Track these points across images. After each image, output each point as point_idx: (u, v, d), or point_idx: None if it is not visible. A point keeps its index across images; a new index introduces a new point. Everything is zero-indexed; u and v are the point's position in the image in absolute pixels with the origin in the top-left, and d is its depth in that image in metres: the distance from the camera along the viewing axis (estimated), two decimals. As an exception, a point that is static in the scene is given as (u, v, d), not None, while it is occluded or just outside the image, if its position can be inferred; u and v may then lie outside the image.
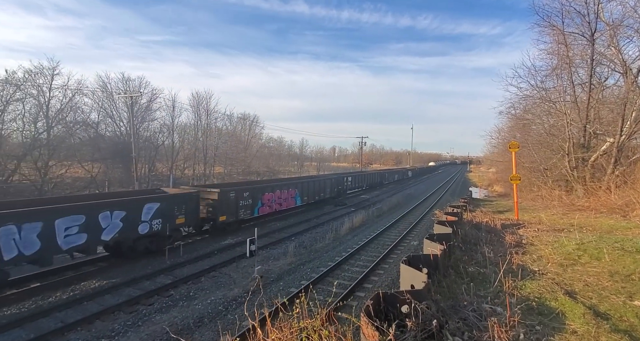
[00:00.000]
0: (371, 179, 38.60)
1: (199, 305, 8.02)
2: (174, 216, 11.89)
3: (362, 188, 35.53)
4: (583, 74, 19.34)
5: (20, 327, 6.95)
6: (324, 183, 24.13)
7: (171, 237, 11.97)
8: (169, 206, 11.69)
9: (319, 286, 9.02)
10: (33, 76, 26.27)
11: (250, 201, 15.78)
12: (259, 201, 16.44)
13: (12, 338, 6.57)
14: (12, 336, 6.65)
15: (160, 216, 11.33)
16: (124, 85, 34.45)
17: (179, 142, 39.66)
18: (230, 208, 14.47)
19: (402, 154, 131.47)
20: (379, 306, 3.20)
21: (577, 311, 4.23)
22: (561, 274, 5.74)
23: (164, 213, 11.45)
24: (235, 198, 14.75)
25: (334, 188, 25.56)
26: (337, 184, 26.31)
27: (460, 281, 5.06)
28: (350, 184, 30.86)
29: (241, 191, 15.36)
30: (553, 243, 7.78)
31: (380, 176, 43.37)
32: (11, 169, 24.15)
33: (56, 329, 6.82)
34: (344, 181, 28.46)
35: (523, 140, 23.14)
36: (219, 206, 13.82)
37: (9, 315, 7.46)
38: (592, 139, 18.68)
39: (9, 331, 6.79)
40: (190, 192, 13.04)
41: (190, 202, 12.69)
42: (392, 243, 13.37)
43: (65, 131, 28.40)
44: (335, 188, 25.66)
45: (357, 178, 33.60)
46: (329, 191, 24.43)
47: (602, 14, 17.26)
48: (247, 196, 15.57)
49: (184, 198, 12.48)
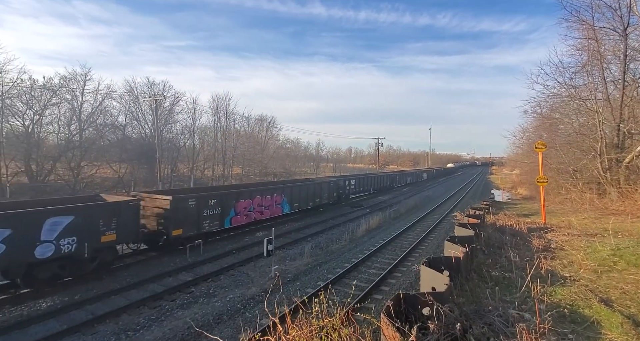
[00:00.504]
0: (379, 182, 34.37)
1: (218, 302, 8.20)
2: (98, 233, 9.23)
3: (368, 191, 31.96)
4: (615, 71, 18.22)
5: (54, 318, 7.39)
6: (320, 187, 21.14)
7: (96, 259, 9.40)
8: (89, 220, 9.01)
9: (336, 287, 8.97)
10: (67, 81, 28.06)
11: (219, 209, 13.23)
12: (231, 209, 13.95)
13: (48, 328, 7.00)
14: (47, 326, 7.08)
15: (74, 234, 8.69)
16: (149, 89, 36.06)
17: (199, 143, 40.91)
18: (189, 218, 11.95)
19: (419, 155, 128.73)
20: (399, 307, 3.14)
21: (615, 320, 3.95)
22: (595, 281, 5.39)
23: (80, 229, 8.81)
24: (197, 207, 12.30)
25: (333, 193, 22.88)
26: (336, 188, 23.64)
27: (484, 285, 4.86)
28: (354, 188, 27.74)
29: (205, 197, 12.81)
30: (585, 248, 7.33)
31: (391, 178, 38.95)
32: (47, 170, 25.83)
33: (87, 321, 7.19)
34: (345, 184, 25.79)
35: (550, 140, 22.04)
36: (172, 216, 11.30)
37: (45, 307, 7.94)
38: (626, 139, 17.50)
39: (44, 322, 7.24)
40: (124, 200, 10.21)
41: (126, 213, 9.90)
42: (410, 246, 13.10)
43: (95, 134, 30.08)
44: (334, 193, 23.04)
45: (362, 180, 30.07)
46: (326, 196, 21.74)
47: (635, 7, 16.20)
48: (214, 203, 13.04)
49: (114, 208, 9.68)
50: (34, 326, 7.07)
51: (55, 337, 6.62)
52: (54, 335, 6.64)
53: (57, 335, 6.68)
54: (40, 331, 6.85)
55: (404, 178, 45.44)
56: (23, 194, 22.97)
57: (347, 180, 26.60)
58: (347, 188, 26.15)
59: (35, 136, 25.82)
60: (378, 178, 34.25)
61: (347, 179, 26.76)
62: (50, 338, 6.57)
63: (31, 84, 25.46)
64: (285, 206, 17.60)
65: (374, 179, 33.00)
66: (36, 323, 7.16)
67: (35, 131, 26.05)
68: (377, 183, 33.48)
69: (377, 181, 33.78)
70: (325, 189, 21.76)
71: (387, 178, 37.06)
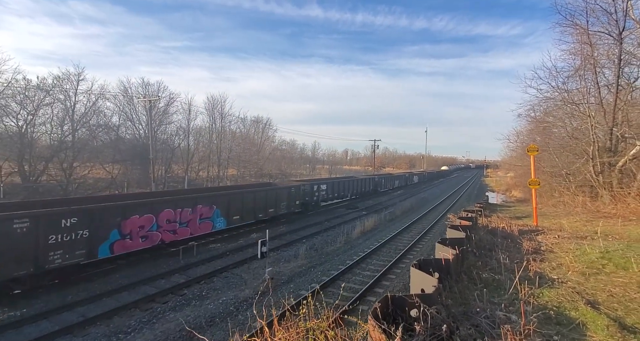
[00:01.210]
0: (360, 186, 29.93)
1: (211, 305, 8.17)
2: None
3: (345, 198, 27.80)
4: (609, 75, 18.50)
5: (46, 319, 7.35)
6: (276, 194, 17.50)
7: None
8: None
9: (330, 289, 8.99)
10: (61, 81, 27.82)
11: (86, 232, 9.19)
12: (112, 230, 9.97)
13: (40, 328, 6.97)
14: (40, 327, 7.06)
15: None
16: (144, 89, 35.86)
17: (194, 144, 40.75)
18: (17, 251, 7.84)
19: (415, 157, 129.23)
20: (387, 309, 3.17)
21: (600, 323, 4.01)
22: (583, 283, 5.46)
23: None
24: (34, 231, 8.08)
25: (296, 200, 19.10)
26: (301, 195, 19.95)
27: (473, 287, 4.91)
28: (326, 194, 23.56)
29: (55, 216, 8.59)
30: (574, 250, 7.42)
31: (375, 182, 33.89)
32: (40, 170, 25.55)
33: (78, 322, 7.15)
34: (314, 190, 21.59)
35: (543, 144, 22.30)
36: None
37: (37, 307, 7.87)
38: (619, 143, 17.75)
39: (37, 323, 7.21)
40: None
41: None
42: (405, 247, 13.15)
43: (88, 134, 29.83)
44: (297, 200, 19.32)
45: (338, 185, 25.73)
46: (285, 204, 18.14)
47: (631, 11, 16.46)
48: (76, 224, 8.93)
49: None
50: (27, 326, 7.04)
51: (48, 338, 6.61)
52: (47, 336, 6.62)
53: (50, 335, 6.66)
54: (33, 332, 6.83)
55: (391, 181, 40.05)
56: (16, 195, 22.69)
57: (316, 185, 22.16)
58: (317, 194, 22.02)
59: (28, 136, 25.55)
60: (358, 182, 29.82)
61: (316, 184, 22.35)
62: (43, 338, 6.57)
63: (25, 84, 25.24)
64: (218, 221, 13.93)
65: (353, 184, 28.77)
66: (29, 324, 7.13)
67: (29, 131, 25.78)
68: (356, 188, 29.29)
69: (357, 186, 29.45)
70: (284, 196, 18.21)
71: (369, 182, 32.28)
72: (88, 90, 29.50)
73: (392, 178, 41.37)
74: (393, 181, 40.77)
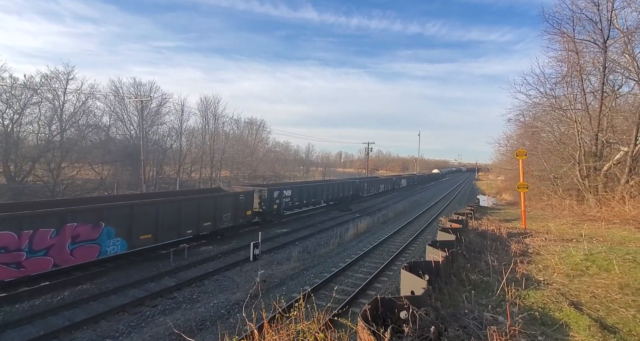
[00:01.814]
0: (336, 191, 25.32)
1: (201, 308, 8.09)
2: None
3: (318, 204, 23.68)
4: (595, 82, 19.05)
5: (30, 324, 7.16)
6: (215, 204, 13.76)
7: None
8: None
9: (322, 292, 8.99)
10: (49, 80, 27.26)
11: None
12: None
13: (24, 333, 6.78)
14: (23, 331, 6.87)
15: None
16: (135, 89, 35.42)
17: (186, 145, 40.34)
18: None
19: (409, 160, 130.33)
20: (377, 312, 3.21)
21: (583, 323, 4.12)
22: (567, 284, 5.60)
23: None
24: None
25: (245, 211, 15.54)
26: (258, 203, 16.84)
27: (462, 289, 4.99)
28: (290, 202, 19.44)
29: None
30: (560, 252, 7.61)
31: (355, 187, 29.39)
32: (26, 171, 24.92)
33: (64, 327, 6.99)
34: (273, 197, 17.70)
35: (532, 148, 22.80)
36: None
37: (21, 311, 7.68)
38: (604, 148, 18.27)
39: (21, 327, 7.02)
40: None
41: None
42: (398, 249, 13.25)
43: (77, 134, 29.25)
44: (248, 211, 15.79)
45: (308, 191, 21.42)
46: (230, 215, 14.52)
47: (615, 20, 17.05)
48: None
49: None
50: (10, 331, 6.86)
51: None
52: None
53: (34, 340, 6.48)
54: (16, 337, 6.63)
55: (375, 185, 35.72)
56: (1, 196, 22.05)
57: (277, 191, 18.27)
58: (278, 202, 18.23)
59: (14, 136, 24.92)
60: (335, 187, 25.55)
61: (278, 190, 18.46)
62: (26, 345, 6.38)
63: (11, 82, 24.65)
64: (110, 243, 10.07)
65: (329, 189, 24.42)
66: (12, 328, 6.92)
67: (15, 130, 25.14)
68: (333, 193, 24.93)
69: (334, 191, 25.09)
70: (228, 205, 14.32)
71: (349, 186, 28.02)
72: (78, 89, 29.00)
73: (377, 182, 37.37)
74: (378, 185, 36.70)
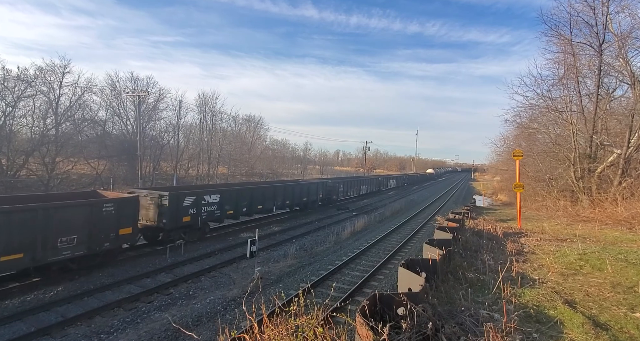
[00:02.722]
0: (299, 194, 20.01)
1: (198, 304, 8.06)
2: None
3: (269, 213, 18.07)
4: (590, 85, 19.26)
5: (21, 320, 7.05)
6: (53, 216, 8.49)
7: None
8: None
9: (319, 289, 9.01)
10: (44, 73, 26.84)
11: None
12: None
13: (14, 330, 6.67)
14: (13, 328, 6.75)
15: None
16: (132, 84, 35.08)
17: (184, 142, 40.10)
18: None
19: (406, 160, 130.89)
20: (375, 308, 3.23)
21: (576, 321, 4.19)
22: (561, 283, 5.69)
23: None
24: None
25: (107, 232, 9.71)
26: (152, 213, 11.96)
27: (459, 286, 5.05)
28: (218, 210, 14.17)
29: None
30: (555, 252, 7.72)
31: (328, 189, 23.67)
32: (19, 164, 24.58)
33: (57, 323, 6.90)
34: (185, 205, 12.57)
35: (528, 149, 23.02)
36: None
37: (11, 307, 7.57)
38: (598, 150, 18.50)
39: (11, 324, 6.89)
40: None
41: None
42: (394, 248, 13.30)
43: (73, 128, 28.90)
44: (118, 229, 10.00)
45: (246, 194, 15.86)
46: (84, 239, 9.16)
47: (610, 25, 17.24)
48: None
49: None
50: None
51: (22, 340, 6.32)
52: (21, 338, 6.33)
53: (24, 337, 6.37)
54: (5, 334, 6.51)
55: (356, 186, 29.63)
56: (-8, 190, 21.74)
57: (193, 197, 12.99)
58: (193, 211, 12.91)
59: (6, 129, 24.53)
60: (297, 189, 19.96)
61: (195, 195, 13.13)
62: (17, 340, 6.25)
63: (4, 74, 24.23)
64: None
65: (285, 192, 18.65)
66: (1, 325, 6.80)
67: (7, 123, 24.75)
68: (294, 197, 19.50)
69: (295, 194, 19.64)
70: (78, 221, 9.02)
71: (318, 188, 22.31)
72: (74, 83, 28.61)
73: (358, 182, 30.76)
74: (359, 187, 30.53)
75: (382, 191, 37.21)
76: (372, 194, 34.78)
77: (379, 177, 39.67)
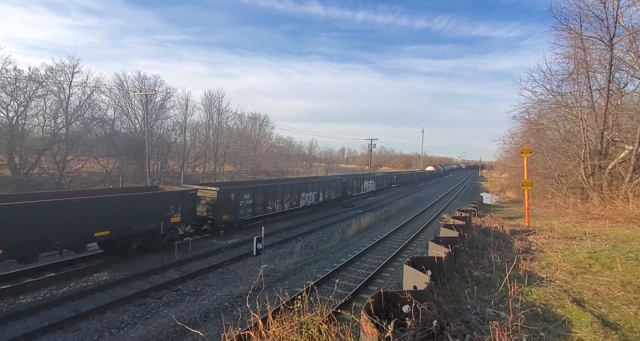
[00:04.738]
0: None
1: (205, 300, 8.18)
2: None
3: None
4: (601, 80, 18.83)
5: (35, 315, 7.25)
6: None
7: None
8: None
9: (324, 287, 9.05)
10: (54, 73, 27.33)
11: None
12: None
13: (27, 324, 6.87)
14: (27, 323, 6.94)
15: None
16: (140, 83, 35.45)
17: (190, 140, 40.47)
18: None
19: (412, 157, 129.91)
20: (379, 305, 3.24)
21: (585, 320, 4.14)
22: (570, 282, 5.62)
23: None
24: None
25: None
26: None
27: (465, 284, 5.02)
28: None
29: None
30: (563, 250, 7.61)
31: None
32: (31, 163, 25.15)
33: (69, 318, 7.08)
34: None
35: (537, 146, 22.63)
36: None
37: (25, 303, 7.79)
38: (609, 147, 18.10)
39: (25, 319, 7.09)
40: None
41: None
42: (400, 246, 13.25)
43: (83, 127, 29.40)
44: None
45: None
46: None
47: (621, 18, 16.79)
48: None
49: None
50: (13, 322, 6.92)
51: (36, 334, 6.48)
52: (34, 332, 6.51)
53: (38, 332, 6.54)
54: (20, 329, 6.71)
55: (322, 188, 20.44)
56: (5, 188, 22.30)
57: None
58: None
59: (19, 128, 25.08)
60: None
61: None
62: (30, 335, 6.42)
63: (16, 74, 24.73)
64: None
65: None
66: (15, 320, 7.01)
67: (20, 123, 25.30)
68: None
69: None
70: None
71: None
72: (83, 82, 29.07)
73: (326, 183, 21.45)
74: (322, 190, 20.57)
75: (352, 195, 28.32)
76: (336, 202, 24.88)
77: (358, 175, 34.77)
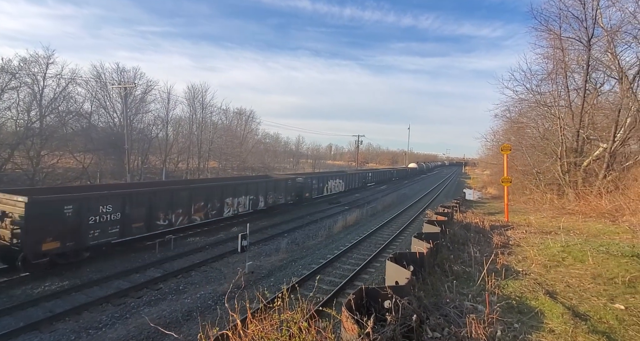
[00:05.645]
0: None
1: (188, 299, 8.04)
2: None
3: None
4: (578, 79, 19.54)
5: (10, 315, 6.96)
6: None
7: None
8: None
9: (310, 283, 9.08)
10: (28, 64, 25.86)
11: None
12: None
13: (3, 325, 6.59)
14: (2, 323, 6.67)
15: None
16: (119, 76, 34.04)
17: (173, 135, 39.36)
18: None
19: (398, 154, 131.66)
20: (361, 301, 3.27)
21: (556, 311, 4.33)
22: (544, 274, 5.86)
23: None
24: None
25: None
26: None
27: (445, 279, 5.15)
28: None
29: None
30: (539, 244, 7.92)
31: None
32: (4, 158, 23.83)
33: (45, 318, 6.83)
34: None
35: (517, 143, 23.35)
36: None
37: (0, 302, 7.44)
38: (585, 145, 18.90)
39: (0, 319, 6.79)
40: None
41: None
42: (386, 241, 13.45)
43: (57, 121, 28.03)
44: None
45: None
46: None
47: (600, 19, 17.39)
48: None
49: None
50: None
51: (11, 335, 6.25)
52: (10, 333, 6.27)
53: (13, 332, 6.31)
54: (-9, 330, 6.43)
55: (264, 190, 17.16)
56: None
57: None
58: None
59: (-11, 121, 23.69)
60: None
61: None
62: (5, 336, 6.21)
63: (-14, 65, 23.25)
64: None
65: None
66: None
67: (-10, 116, 23.90)
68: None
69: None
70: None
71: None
72: (58, 74, 27.63)
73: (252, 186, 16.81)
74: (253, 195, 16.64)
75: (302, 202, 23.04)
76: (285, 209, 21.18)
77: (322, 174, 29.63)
